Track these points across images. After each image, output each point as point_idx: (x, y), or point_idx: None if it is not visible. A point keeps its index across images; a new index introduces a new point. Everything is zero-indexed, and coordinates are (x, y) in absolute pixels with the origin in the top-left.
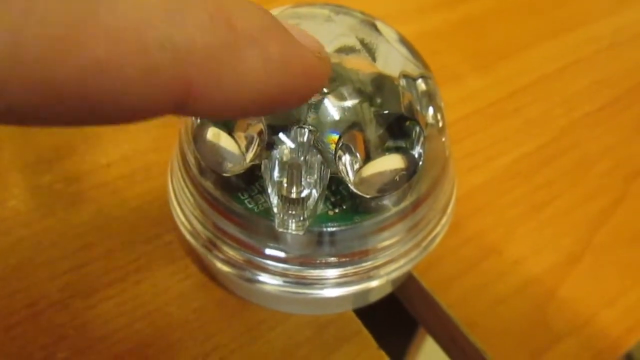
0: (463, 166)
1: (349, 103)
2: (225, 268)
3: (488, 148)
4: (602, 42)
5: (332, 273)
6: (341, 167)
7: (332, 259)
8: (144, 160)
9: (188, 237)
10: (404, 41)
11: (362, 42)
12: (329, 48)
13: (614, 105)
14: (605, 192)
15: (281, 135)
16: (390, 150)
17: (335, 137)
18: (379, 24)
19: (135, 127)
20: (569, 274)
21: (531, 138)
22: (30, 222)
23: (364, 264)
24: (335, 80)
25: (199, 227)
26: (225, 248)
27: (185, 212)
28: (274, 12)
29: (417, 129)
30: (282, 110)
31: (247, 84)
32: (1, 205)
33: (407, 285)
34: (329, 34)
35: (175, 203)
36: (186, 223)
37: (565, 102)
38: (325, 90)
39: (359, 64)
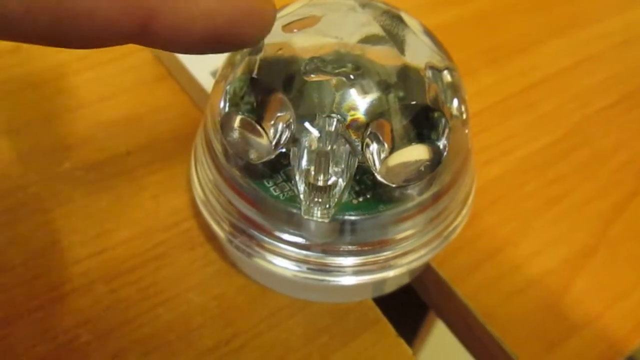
0: (478, 160)
1: (376, 93)
2: (247, 254)
3: (502, 142)
4: (615, 37)
5: (352, 261)
6: (368, 155)
7: (353, 247)
8: (162, 148)
9: (211, 222)
10: (428, 33)
11: (388, 32)
12: (354, 38)
13: (627, 101)
14: (619, 186)
15: (308, 125)
16: (415, 140)
17: (363, 122)
18: (404, 15)
19: (155, 117)
20: (583, 267)
21: (545, 133)
22: (50, 209)
23: (384, 253)
24: (361, 69)
25: (223, 213)
26: (248, 235)
27: (208, 197)
28: (300, 2)
29: (443, 120)
30: (234, 48)
31: (201, 15)
32: (22, 192)
33: (424, 275)
34: (355, 24)
35: (199, 188)
36: (209, 208)
37: (578, 98)
38: (352, 77)
39: (385, 54)
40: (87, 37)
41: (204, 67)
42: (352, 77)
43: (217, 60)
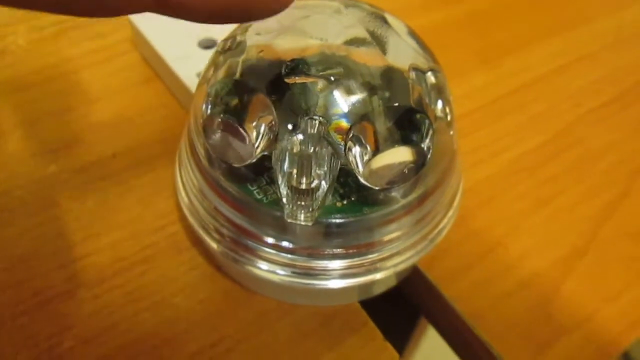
0: (468, 161)
1: (359, 95)
2: (232, 258)
3: (493, 143)
4: (607, 38)
5: (338, 264)
6: (351, 158)
7: (339, 250)
8: (149, 151)
9: (196, 227)
10: (413, 34)
11: (372, 34)
12: (339, 40)
13: (619, 102)
14: (610, 187)
15: (291, 127)
16: (399, 142)
17: (345, 125)
18: (389, 17)
19: (141, 119)
20: (573, 269)
21: (536, 133)
22: (36, 213)
23: (370, 256)
24: (345, 71)
25: (206, 217)
26: (233, 238)
27: (193, 201)
28: None
29: (426, 122)
30: (255, 18)
31: None
32: (7, 196)
33: (412, 278)
34: (339, 25)
35: (183, 193)
36: (194, 213)
37: (570, 98)
38: (333, 79)
39: (368, 57)
40: (106, 3)
41: (190, 69)
42: (333, 79)
43: (203, 61)
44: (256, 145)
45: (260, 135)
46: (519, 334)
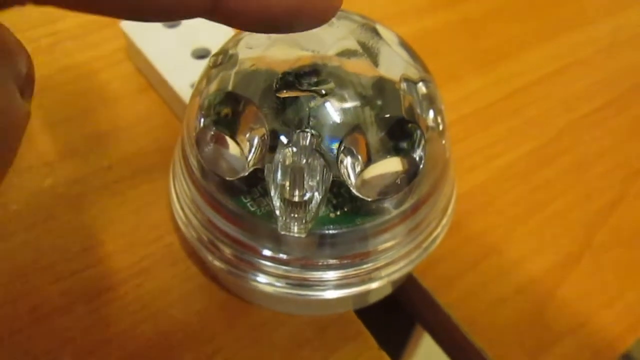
0: (463, 166)
1: (351, 107)
2: (227, 270)
3: (487, 148)
4: (602, 42)
5: (333, 275)
6: (343, 170)
7: (334, 261)
8: (144, 161)
9: (190, 239)
10: (404, 44)
11: (363, 45)
12: (331, 52)
13: (613, 106)
14: (604, 192)
15: (284, 139)
16: (391, 153)
17: (338, 134)
18: (380, 28)
19: (136, 129)
20: (568, 274)
21: (530, 138)
22: (32, 226)
23: (364, 266)
24: (336, 83)
25: (201, 229)
26: (227, 250)
27: (187, 214)
28: None
29: (418, 132)
30: (303, 28)
31: None
32: (3, 209)
33: (407, 285)
34: (331, 37)
35: (177, 205)
36: (188, 225)
37: (564, 103)
38: (324, 91)
39: (360, 68)
40: (164, 7)
41: (183, 79)
42: (324, 92)
43: (197, 72)
44: (248, 158)
45: (253, 148)
46: (514, 339)
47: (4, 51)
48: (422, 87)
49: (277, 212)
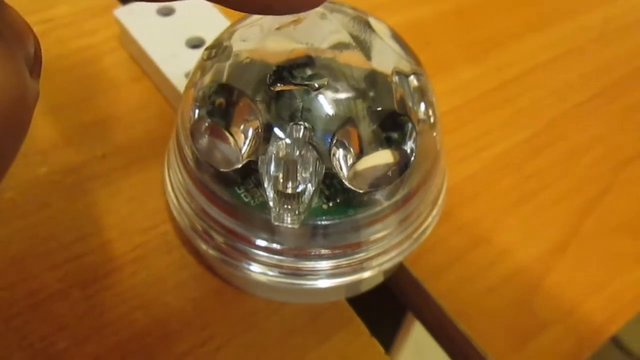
0: (453, 157)
1: (343, 100)
2: (221, 259)
3: (478, 138)
4: (593, 32)
5: (325, 264)
6: (335, 162)
7: (326, 251)
8: (139, 150)
9: (185, 228)
10: (396, 37)
11: (355, 38)
12: (324, 45)
13: (603, 96)
14: (593, 182)
15: (277, 131)
16: (383, 145)
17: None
18: (372, 21)
19: (131, 118)
20: (556, 263)
21: (521, 128)
22: (27, 214)
23: (356, 256)
24: (329, 77)
25: (195, 218)
26: (222, 240)
27: (181, 203)
28: None
29: (409, 124)
30: (298, 9)
31: None
32: None
33: (398, 275)
34: (323, 31)
35: (172, 194)
36: (183, 214)
37: (555, 93)
38: (317, 85)
39: (352, 61)
40: None
41: (178, 68)
42: (317, 85)
43: (191, 61)
44: (243, 149)
45: (247, 140)
46: (502, 327)
47: (15, 31)
48: (413, 80)
49: (271, 204)
